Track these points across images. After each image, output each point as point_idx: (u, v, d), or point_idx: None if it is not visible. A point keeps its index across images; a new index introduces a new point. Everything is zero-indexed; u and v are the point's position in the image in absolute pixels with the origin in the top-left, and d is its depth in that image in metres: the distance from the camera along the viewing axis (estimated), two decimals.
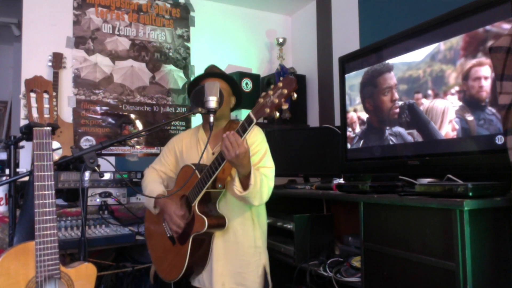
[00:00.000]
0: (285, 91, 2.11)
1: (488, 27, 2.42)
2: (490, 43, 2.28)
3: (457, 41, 2.61)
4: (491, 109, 2.39)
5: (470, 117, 2.52)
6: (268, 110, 2.15)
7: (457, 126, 2.60)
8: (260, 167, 2.61)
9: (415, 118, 2.90)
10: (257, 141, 2.69)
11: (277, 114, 2.16)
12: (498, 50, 1.93)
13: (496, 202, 2.03)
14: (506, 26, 2.31)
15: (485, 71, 2.43)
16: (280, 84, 2.13)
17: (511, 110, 1.89)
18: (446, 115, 2.67)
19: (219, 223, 2.60)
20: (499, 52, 1.93)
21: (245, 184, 2.43)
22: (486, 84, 2.43)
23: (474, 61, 2.50)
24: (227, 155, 2.27)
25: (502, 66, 1.92)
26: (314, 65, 5.04)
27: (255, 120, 2.23)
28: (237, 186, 2.45)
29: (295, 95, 2.13)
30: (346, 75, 3.58)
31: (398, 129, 3.02)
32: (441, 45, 2.71)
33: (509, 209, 1.99)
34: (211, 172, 2.45)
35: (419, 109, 2.86)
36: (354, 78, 3.46)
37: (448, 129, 2.66)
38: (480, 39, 2.47)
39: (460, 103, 2.58)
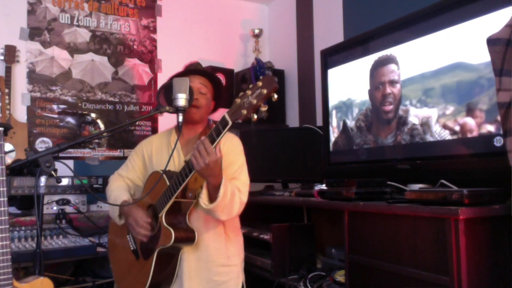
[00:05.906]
0: (265, 91, 2.07)
1: None
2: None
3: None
4: None
5: None
6: (245, 112, 2.12)
7: None
8: (233, 180, 2.58)
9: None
10: (234, 152, 2.66)
11: (255, 116, 2.14)
12: (497, 42, 1.91)
13: (494, 210, 2.05)
14: None
15: None
16: (260, 83, 2.10)
17: (511, 109, 1.87)
18: None
19: (188, 237, 2.53)
20: (498, 45, 1.91)
21: (214, 196, 2.39)
22: None
23: None
24: (196, 165, 2.24)
25: (501, 60, 1.90)
26: (294, 59, 5.03)
27: (230, 123, 2.19)
28: (203, 198, 2.40)
29: (276, 96, 2.10)
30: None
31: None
32: None
33: (508, 218, 2.00)
34: (181, 180, 2.39)
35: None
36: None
37: None
38: None
39: None
